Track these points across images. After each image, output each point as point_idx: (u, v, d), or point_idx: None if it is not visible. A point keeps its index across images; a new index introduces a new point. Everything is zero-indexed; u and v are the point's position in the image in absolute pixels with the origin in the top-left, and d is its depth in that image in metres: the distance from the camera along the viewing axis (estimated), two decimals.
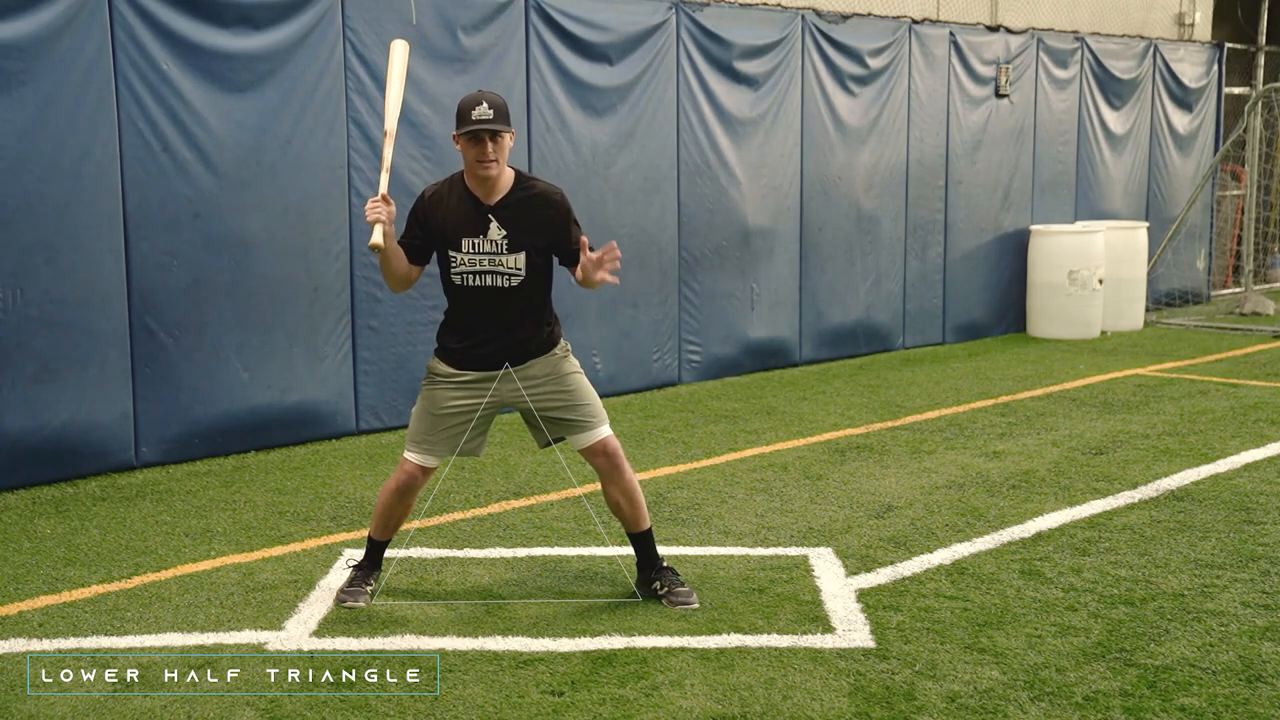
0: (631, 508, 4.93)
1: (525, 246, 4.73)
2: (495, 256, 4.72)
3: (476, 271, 4.74)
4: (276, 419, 7.57)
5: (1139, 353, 11.12)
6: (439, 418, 4.85)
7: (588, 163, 8.92)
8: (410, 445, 4.90)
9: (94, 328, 6.84)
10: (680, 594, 4.90)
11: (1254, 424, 8.09)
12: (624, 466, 4.90)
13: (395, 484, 4.91)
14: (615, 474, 4.89)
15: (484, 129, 4.61)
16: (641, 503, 4.96)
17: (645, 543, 5.00)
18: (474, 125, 4.61)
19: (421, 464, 4.88)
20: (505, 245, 4.72)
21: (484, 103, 4.63)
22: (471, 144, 4.66)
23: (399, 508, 4.96)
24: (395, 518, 5.00)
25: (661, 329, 9.47)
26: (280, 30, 7.41)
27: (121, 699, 4.09)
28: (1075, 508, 6.22)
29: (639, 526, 4.97)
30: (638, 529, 4.98)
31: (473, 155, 4.67)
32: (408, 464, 4.89)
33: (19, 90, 6.49)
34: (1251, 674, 4.24)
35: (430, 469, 4.92)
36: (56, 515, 6.22)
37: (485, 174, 4.68)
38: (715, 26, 9.60)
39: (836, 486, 6.66)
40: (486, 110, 4.61)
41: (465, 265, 4.74)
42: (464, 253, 4.74)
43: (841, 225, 10.70)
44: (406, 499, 4.95)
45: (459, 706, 4.04)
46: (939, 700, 4.06)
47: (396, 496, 4.92)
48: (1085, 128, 12.79)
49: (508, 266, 4.73)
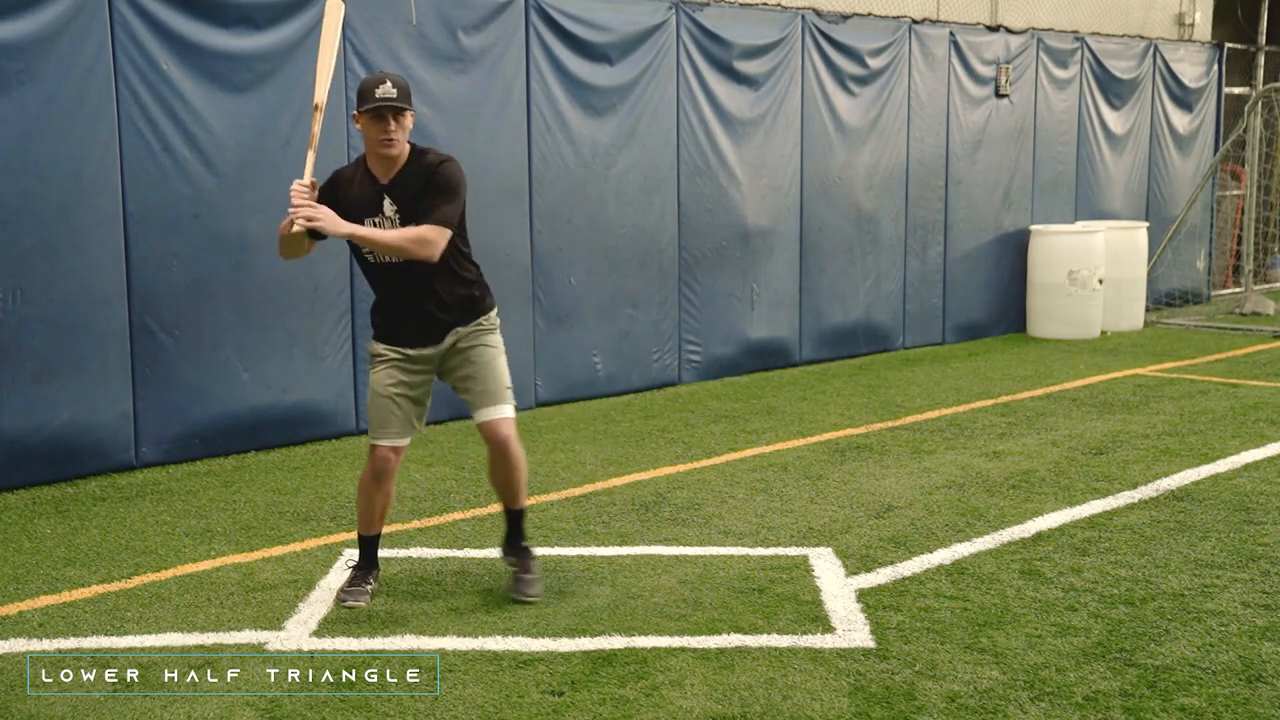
0: (508, 489, 5.06)
1: (416, 220, 4.75)
2: None
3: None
4: (276, 419, 7.57)
5: (1139, 353, 11.12)
6: (387, 399, 4.91)
7: (588, 163, 8.92)
8: (374, 434, 4.95)
9: (94, 328, 6.84)
10: (524, 581, 5.00)
11: (1254, 424, 8.09)
12: (510, 453, 4.95)
13: (370, 472, 4.95)
14: (500, 458, 4.97)
15: (387, 106, 4.65)
16: (521, 487, 5.06)
17: (516, 520, 5.13)
18: (377, 103, 4.65)
19: (392, 445, 4.93)
20: (398, 220, 4.76)
21: (387, 81, 4.69)
22: (374, 121, 4.69)
23: (379, 495, 4.98)
24: (378, 506, 5.01)
25: (661, 329, 9.47)
26: (280, 30, 7.41)
27: (121, 699, 4.09)
28: (1075, 508, 6.22)
29: (514, 505, 5.11)
30: (513, 506, 5.11)
31: (375, 133, 4.70)
32: (378, 449, 4.92)
33: (19, 90, 6.50)
34: (1251, 674, 4.24)
35: (401, 448, 4.96)
36: (56, 515, 6.22)
37: (386, 151, 4.71)
38: (715, 26, 9.60)
39: (836, 486, 6.66)
40: (390, 89, 4.66)
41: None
42: None
43: (841, 225, 10.70)
44: (384, 484, 4.97)
45: (459, 706, 4.04)
46: (939, 700, 4.06)
47: (375, 484, 4.95)
48: (1085, 128, 12.79)
49: None
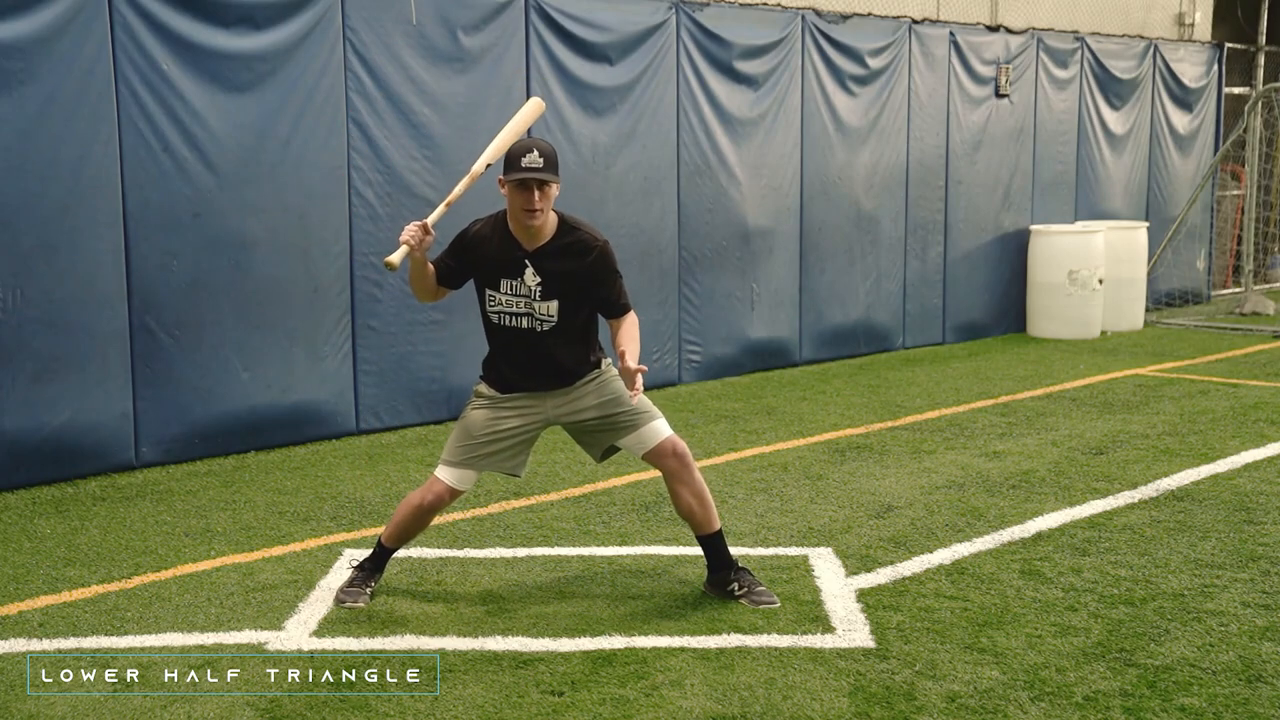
0: (703, 509, 4.86)
1: (559, 294, 4.69)
2: (530, 301, 4.70)
3: (511, 313, 4.73)
4: (276, 419, 7.57)
5: (1139, 353, 11.12)
6: (481, 437, 4.82)
7: (588, 163, 8.92)
8: (445, 465, 4.86)
9: (94, 328, 6.84)
10: (760, 594, 4.89)
11: (1254, 424, 8.09)
12: (693, 466, 4.85)
13: (421, 500, 4.87)
14: (685, 474, 4.82)
15: (533, 178, 4.54)
16: (712, 503, 4.90)
17: (717, 544, 4.94)
18: (523, 174, 4.53)
19: (454, 485, 4.85)
20: (539, 292, 4.68)
21: (535, 150, 4.55)
22: (519, 191, 4.58)
23: (417, 525, 4.93)
24: (412, 533, 4.98)
25: (661, 329, 9.46)
26: (280, 30, 7.41)
27: (121, 699, 4.09)
28: (1075, 508, 6.22)
29: (710, 528, 4.91)
30: (709, 530, 4.92)
31: (519, 203, 4.59)
32: (439, 484, 4.85)
33: (19, 90, 6.49)
34: (1251, 674, 4.24)
35: (460, 492, 4.88)
36: (56, 515, 6.22)
37: (530, 223, 4.62)
38: (715, 26, 9.60)
39: (836, 486, 6.66)
40: (537, 159, 4.53)
41: (501, 305, 4.73)
42: (501, 293, 4.72)
43: (841, 225, 10.70)
44: (428, 518, 4.93)
45: (459, 706, 4.04)
46: (939, 700, 4.06)
47: (419, 514, 4.89)
48: (1085, 128, 12.79)
49: (540, 313, 4.71)
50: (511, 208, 4.65)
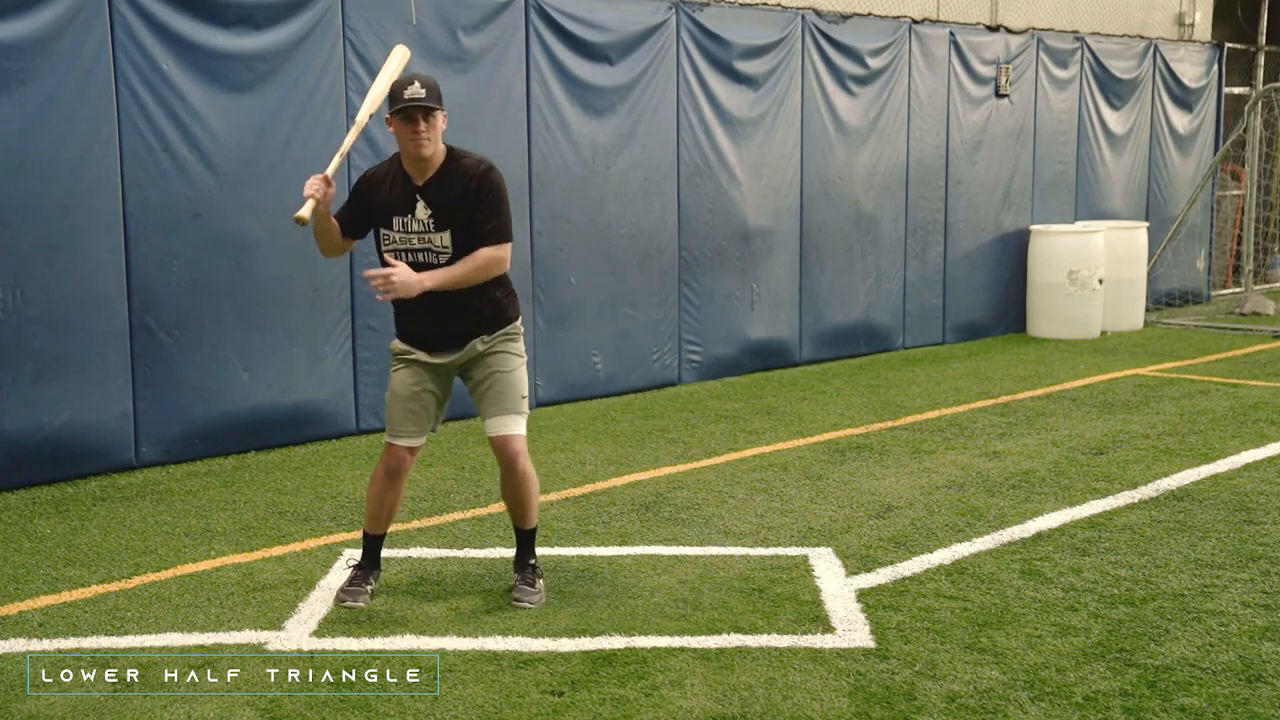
0: (517, 506, 4.99)
1: (450, 225, 4.76)
2: (423, 235, 4.78)
3: (407, 249, 4.80)
4: (276, 419, 7.57)
5: (1139, 353, 11.12)
6: (406, 400, 4.91)
7: (588, 163, 8.92)
8: (391, 432, 4.96)
9: (94, 328, 6.84)
10: (521, 591, 4.95)
11: (1254, 424, 8.09)
12: (517, 471, 4.90)
13: (384, 468, 4.96)
14: (508, 473, 4.92)
15: (417, 106, 4.66)
16: (531, 505, 5.00)
17: (524, 541, 5.06)
18: (406, 104, 4.66)
19: (408, 445, 4.93)
20: (431, 224, 4.76)
21: (416, 82, 4.70)
22: (405, 123, 4.70)
23: (390, 493, 4.99)
24: (388, 505, 5.01)
25: (661, 329, 9.47)
26: (280, 30, 7.41)
27: (121, 699, 4.09)
28: (1075, 508, 6.22)
29: (522, 525, 5.05)
30: (521, 526, 5.05)
31: (406, 134, 4.71)
32: (394, 448, 4.93)
33: (19, 90, 6.49)
34: (1251, 674, 4.24)
35: (416, 448, 4.97)
36: (56, 515, 6.22)
37: (418, 153, 4.72)
38: (715, 26, 9.60)
39: (836, 486, 6.66)
40: (419, 89, 4.67)
41: (396, 243, 4.81)
42: (395, 230, 4.81)
43: (841, 225, 10.70)
44: (397, 483, 4.98)
45: (459, 706, 4.04)
46: (939, 700, 4.06)
47: (388, 482, 4.96)
48: (1085, 128, 12.79)
49: (435, 245, 4.78)
50: (401, 142, 4.77)
